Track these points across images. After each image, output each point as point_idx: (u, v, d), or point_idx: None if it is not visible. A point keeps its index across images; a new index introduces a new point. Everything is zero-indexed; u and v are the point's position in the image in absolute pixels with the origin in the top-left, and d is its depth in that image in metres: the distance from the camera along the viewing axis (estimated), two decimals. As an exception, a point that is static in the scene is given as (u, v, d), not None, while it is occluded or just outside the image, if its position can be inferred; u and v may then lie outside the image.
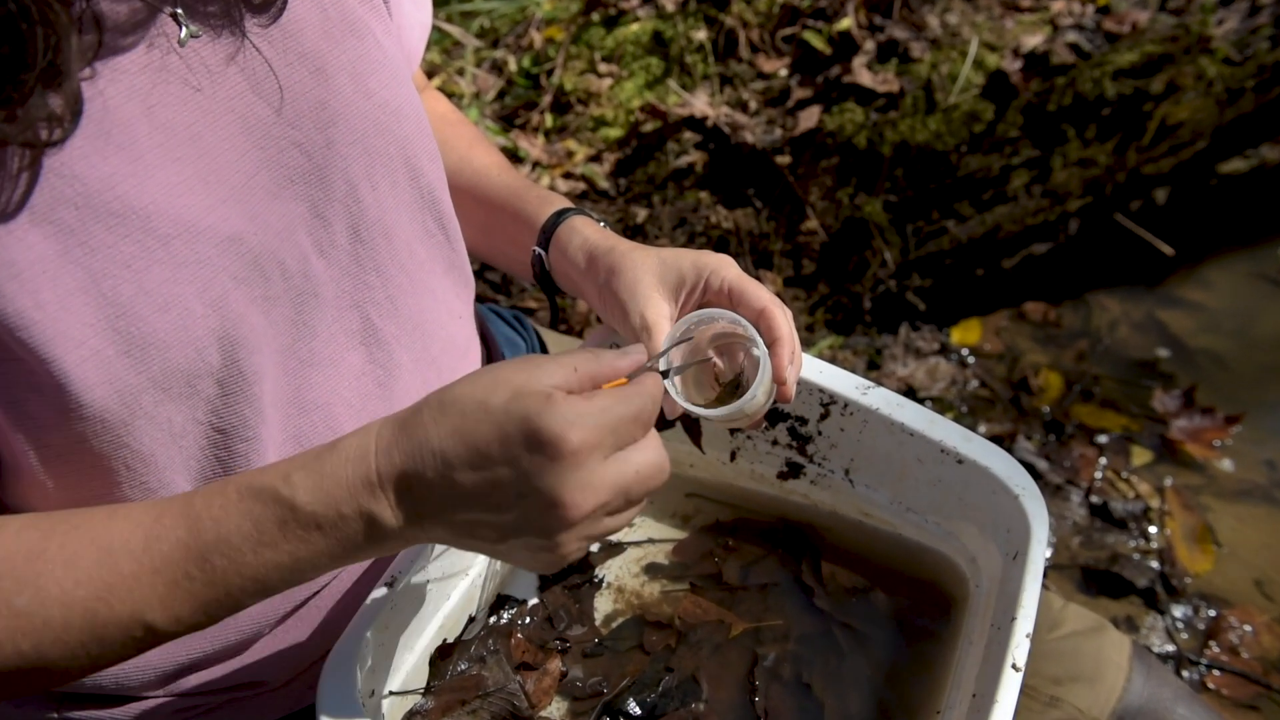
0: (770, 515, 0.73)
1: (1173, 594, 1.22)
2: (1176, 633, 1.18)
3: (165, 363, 0.45)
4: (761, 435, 0.71)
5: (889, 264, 1.46)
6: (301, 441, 0.55)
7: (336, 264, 0.55)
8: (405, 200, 0.58)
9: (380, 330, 0.58)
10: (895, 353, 1.46)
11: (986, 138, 1.44)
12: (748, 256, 1.46)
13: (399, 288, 0.58)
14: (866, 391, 0.65)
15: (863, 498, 0.69)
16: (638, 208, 1.50)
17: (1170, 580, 1.23)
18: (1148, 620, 1.20)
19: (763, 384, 0.55)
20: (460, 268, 0.65)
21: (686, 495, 0.75)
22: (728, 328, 0.58)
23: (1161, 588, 1.22)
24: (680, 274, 0.60)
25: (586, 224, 0.66)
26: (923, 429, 0.63)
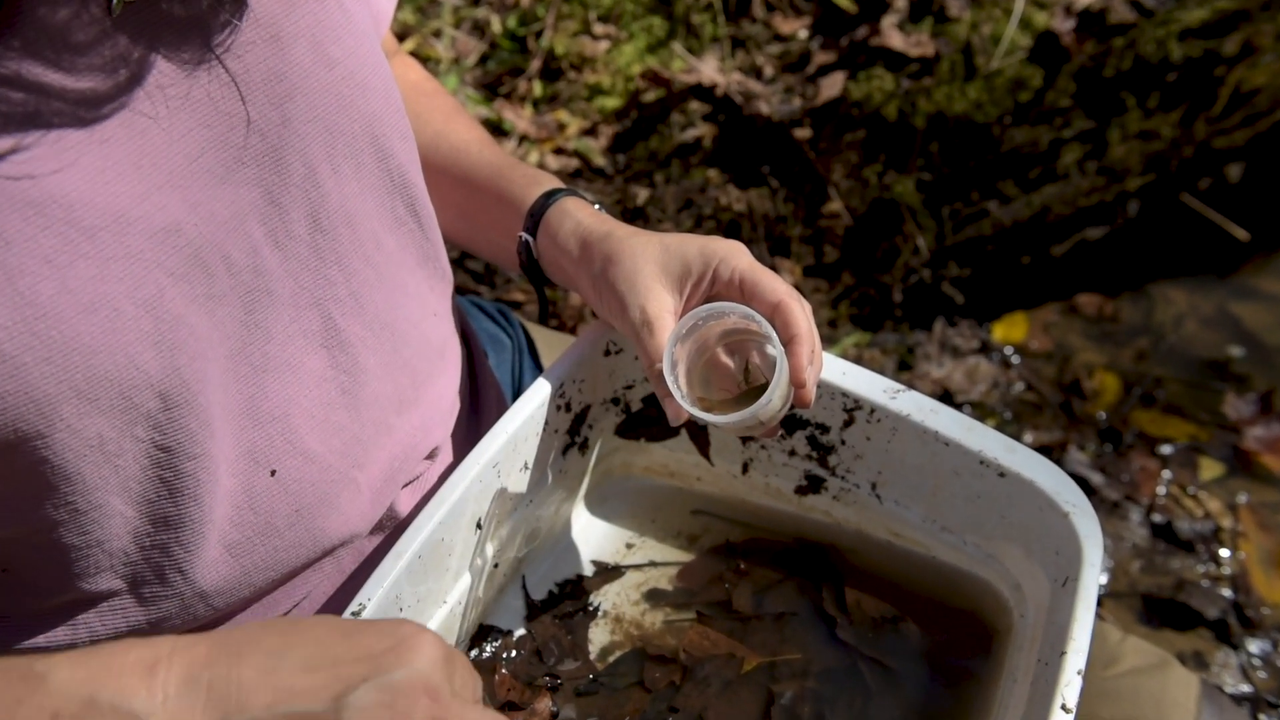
0: (787, 535, 0.73)
1: (1248, 626, 1.22)
2: (1252, 670, 1.18)
3: (91, 370, 0.45)
4: (777, 445, 0.71)
5: (922, 251, 1.46)
6: (257, 457, 0.55)
7: (293, 257, 0.55)
8: (372, 183, 0.58)
9: (344, 331, 0.58)
10: (929, 351, 1.46)
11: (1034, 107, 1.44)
12: (762, 243, 1.46)
13: (365, 282, 0.59)
14: (896, 395, 0.65)
15: (892, 515, 0.69)
16: (638, 188, 1.51)
17: (1245, 611, 1.23)
18: (1219, 656, 1.20)
19: (779, 387, 0.55)
20: (435, 258, 0.65)
21: (693, 513, 0.75)
22: (739, 323, 0.58)
23: (1235, 619, 1.22)
24: (685, 263, 0.60)
25: (580, 206, 0.66)
26: (960, 438, 0.63)
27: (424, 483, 0.66)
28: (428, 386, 0.65)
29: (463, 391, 0.71)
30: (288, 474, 0.56)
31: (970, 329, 1.49)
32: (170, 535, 0.52)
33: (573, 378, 0.67)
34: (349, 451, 0.59)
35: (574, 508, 0.75)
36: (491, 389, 0.76)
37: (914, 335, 1.48)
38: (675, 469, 0.76)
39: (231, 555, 0.55)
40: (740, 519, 0.74)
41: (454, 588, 0.64)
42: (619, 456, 0.76)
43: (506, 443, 0.62)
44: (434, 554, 0.60)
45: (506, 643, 0.67)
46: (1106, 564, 1.29)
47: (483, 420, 0.74)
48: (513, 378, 0.83)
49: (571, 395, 0.68)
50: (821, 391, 0.67)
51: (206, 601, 0.55)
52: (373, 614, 0.56)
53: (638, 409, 0.73)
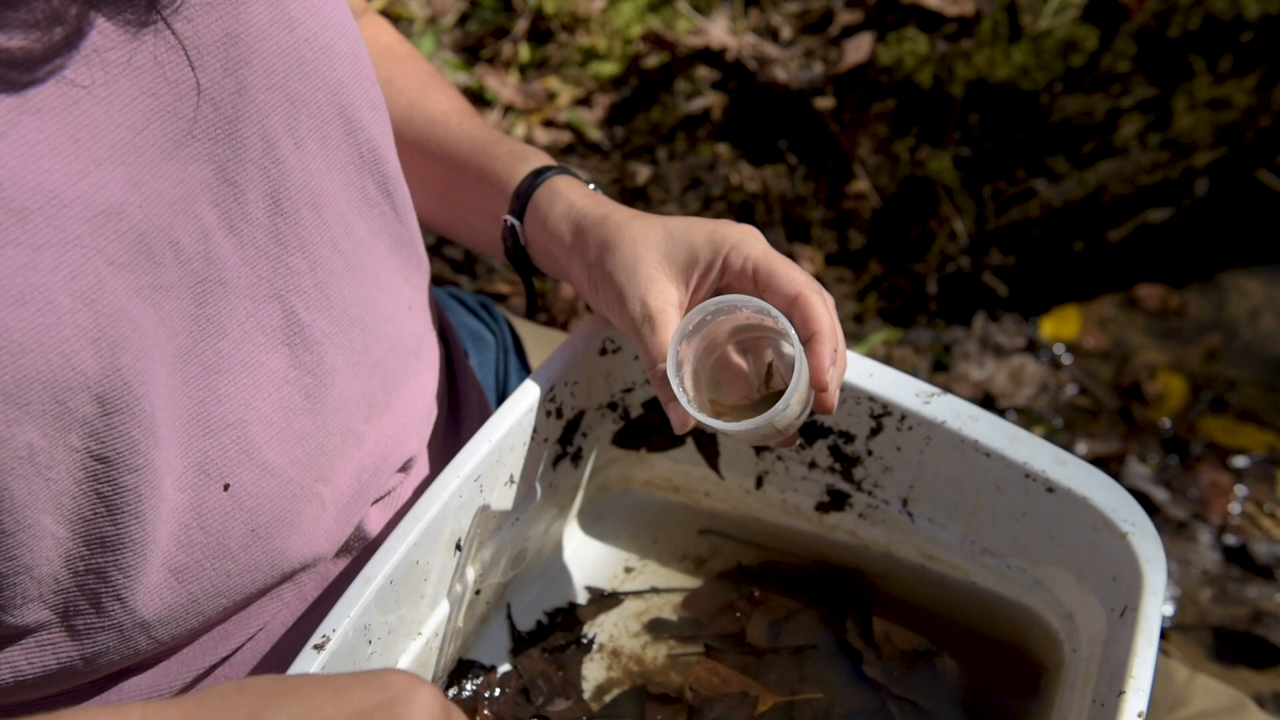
0: (807, 558, 0.73)
1: (1333, 663, 1.22)
2: (1337, 713, 1.18)
3: (20, 371, 0.45)
4: (796, 455, 0.71)
5: (960, 236, 1.46)
6: (208, 468, 0.55)
7: (250, 243, 0.55)
8: (339, 160, 0.58)
9: (308, 326, 0.58)
10: (968, 350, 1.46)
11: (1088, 73, 1.44)
12: (778, 227, 1.47)
13: (331, 272, 0.59)
14: (930, 399, 0.65)
15: (925, 536, 0.69)
16: (638, 165, 1.51)
17: (1330, 645, 1.23)
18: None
19: (797, 390, 0.55)
20: (410, 244, 0.65)
21: (700, 532, 0.75)
22: (753, 319, 0.59)
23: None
24: (692, 250, 0.60)
25: (572, 186, 0.66)
26: (1003, 448, 0.63)
27: (397, 498, 0.66)
28: (401, 389, 0.65)
29: (440, 395, 0.71)
30: (243, 488, 0.56)
31: (1015, 325, 1.49)
32: (108, 558, 0.52)
33: (564, 380, 0.67)
34: (312, 463, 0.59)
35: (566, 527, 0.75)
36: (473, 392, 0.76)
37: (951, 332, 1.48)
38: (680, 483, 0.76)
39: (178, 580, 0.55)
40: (754, 539, 0.74)
41: (430, 617, 0.64)
42: (617, 469, 0.76)
43: (490, 453, 0.63)
44: (408, 579, 0.60)
45: (489, 680, 0.67)
46: (1171, 592, 1.29)
47: (463, 428, 0.74)
48: (497, 379, 0.83)
49: (563, 399, 0.68)
50: (846, 395, 0.66)
51: (149, 633, 0.55)
52: (338, 647, 0.56)
53: (638, 415, 0.73)
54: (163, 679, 0.58)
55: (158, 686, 0.58)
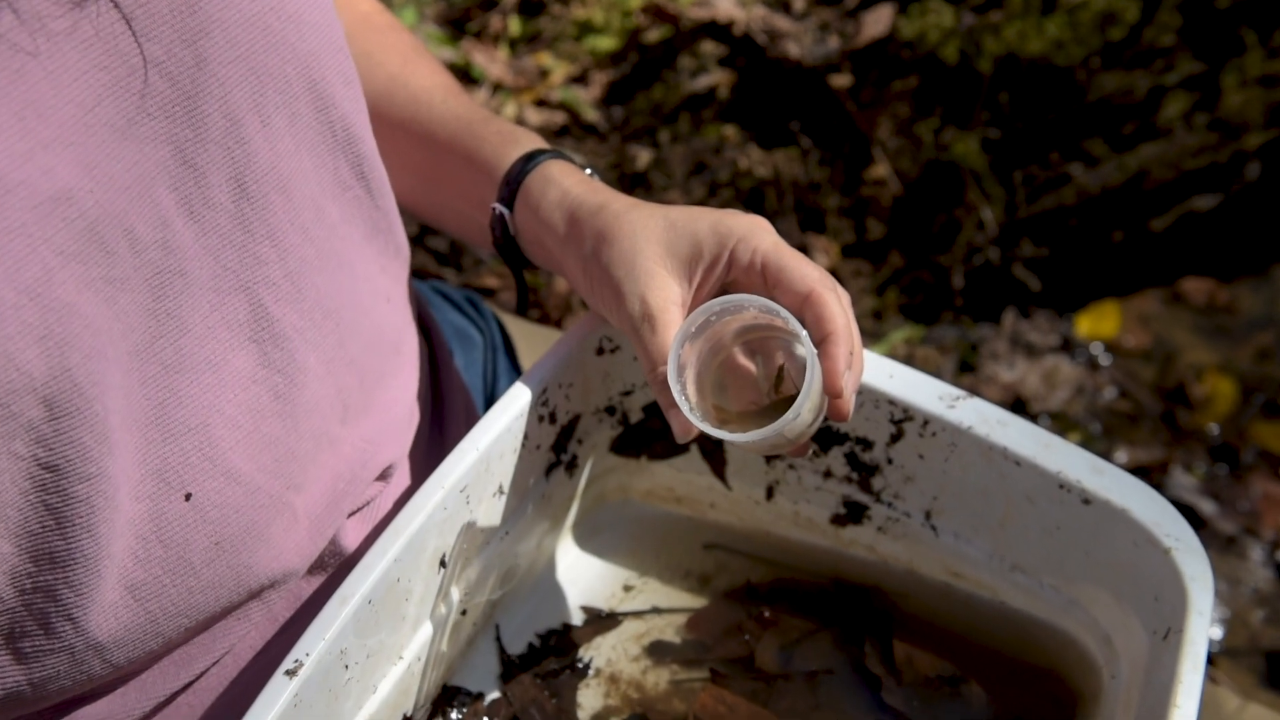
0: (821, 575, 0.73)
1: (1394, 689, 1.22)
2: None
3: None
4: (809, 464, 0.71)
5: (989, 226, 1.45)
6: (168, 477, 0.55)
7: (213, 230, 0.55)
8: (310, 140, 0.58)
9: (277, 320, 0.58)
10: (997, 349, 1.46)
11: (1128, 47, 1.44)
12: (791, 216, 1.46)
13: (302, 261, 0.59)
14: (956, 403, 0.65)
15: (951, 551, 0.69)
16: (638, 148, 1.51)
17: (1391, 670, 1.23)
18: (1358, 725, 1.19)
19: (809, 396, 0.55)
20: (388, 232, 0.66)
21: (705, 547, 0.75)
22: (761, 318, 0.59)
23: (1378, 680, 1.22)
24: (695, 242, 0.60)
25: (566, 172, 0.66)
26: (1035, 456, 0.64)
27: (375, 510, 0.67)
28: (380, 390, 0.65)
29: (422, 397, 0.71)
30: (206, 498, 0.56)
31: (1048, 321, 1.49)
32: (58, 575, 0.52)
33: (558, 381, 0.68)
34: (282, 470, 0.59)
35: (560, 541, 0.75)
36: (458, 395, 0.76)
37: (978, 329, 1.48)
38: (684, 494, 0.76)
39: (135, 599, 0.55)
40: (764, 555, 0.74)
41: (412, 640, 0.64)
42: (615, 478, 0.76)
43: (477, 462, 0.63)
44: (388, 599, 0.60)
45: (476, 708, 0.67)
46: (1219, 613, 1.28)
47: (447, 434, 0.74)
48: (485, 381, 0.84)
49: (557, 403, 0.68)
50: (864, 399, 0.67)
51: (103, 656, 0.55)
52: (313, 671, 0.56)
53: (638, 420, 0.73)
54: (119, 707, 0.58)
55: (114, 715, 0.58)
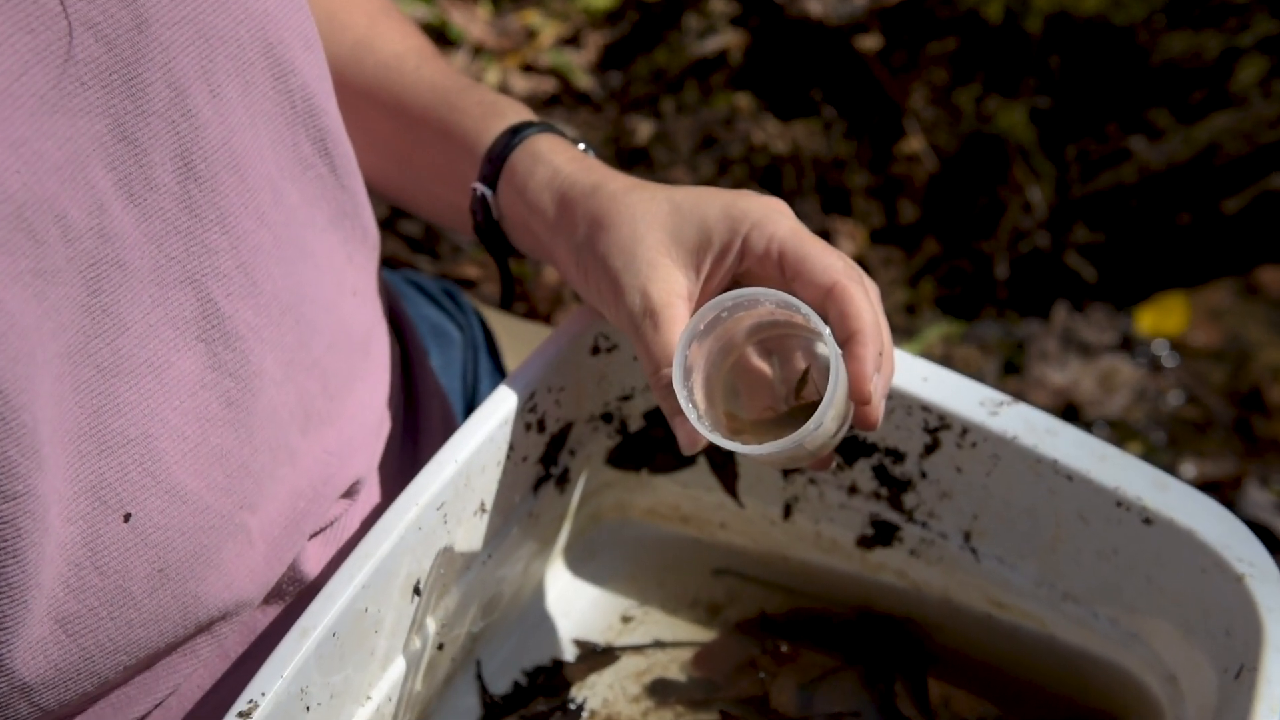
0: (846, 604, 0.73)
1: None
2: None
3: None
4: (832, 478, 0.71)
5: (1038, 208, 1.45)
6: (104, 495, 0.54)
7: (156, 215, 0.55)
8: (266, 111, 0.58)
9: (228, 317, 0.58)
10: (1047, 348, 1.46)
11: (1197, 4, 1.43)
12: (812, 196, 1.46)
13: (257, 250, 0.59)
14: (999, 409, 0.65)
15: (993, 578, 0.69)
16: (638, 119, 1.51)
17: None
18: None
19: (833, 403, 0.55)
20: (354, 215, 0.66)
21: (715, 573, 0.75)
22: (778, 314, 0.58)
23: None
24: (704, 228, 0.60)
25: (557, 147, 0.66)
26: (1089, 469, 0.63)
27: (340, 531, 0.67)
28: (345, 395, 0.65)
29: (394, 403, 0.71)
30: (148, 518, 0.56)
31: (1105, 317, 1.49)
32: (-19, 606, 0.52)
33: (548, 385, 0.67)
34: (235, 487, 0.59)
35: (549, 566, 0.75)
36: (434, 400, 0.76)
37: (1025, 325, 1.48)
38: (690, 512, 0.76)
39: (67, 633, 0.55)
40: (780, 582, 0.74)
41: (382, 678, 0.64)
42: (612, 495, 0.76)
43: (456, 475, 0.62)
44: (355, 631, 0.60)
45: (454, 754, 0.67)
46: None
47: (422, 444, 0.74)
48: (464, 384, 0.83)
49: (546, 410, 0.68)
50: (894, 405, 0.66)
51: (30, 699, 0.54)
52: (270, 713, 0.55)
53: (638, 429, 0.73)
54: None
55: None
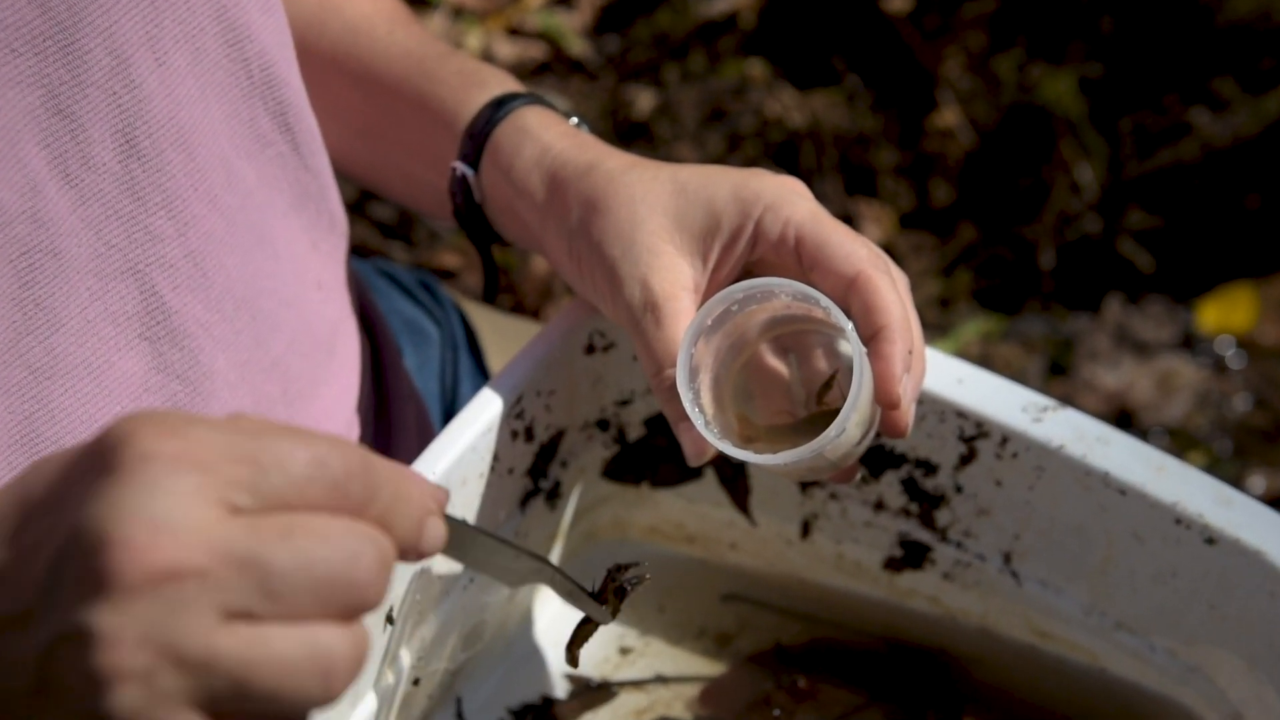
0: (871, 634, 0.73)
1: None
2: None
3: None
4: (856, 492, 0.71)
5: (1088, 189, 1.45)
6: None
7: (95, 198, 0.55)
8: (219, 82, 0.58)
9: (176, 313, 0.58)
10: (1097, 346, 1.46)
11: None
12: (834, 176, 1.46)
13: (208, 237, 0.59)
14: (1043, 415, 0.65)
15: (1036, 604, 0.69)
16: (638, 90, 1.50)
17: None
18: None
19: (857, 406, 0.55)
20: (319, 198, 0.66)
21: (724, 599, 0.75)
22: (795, 307, 0.58)
23: None
24: (712, 211, 0.60)
25: (546, 121, 0.66)
26: (1144, 483, 0.63)
27: (303, 553, 0.66)
28: (309, 400, 0.65)
29: (363, 409, 0.71)
30: None
31: (1163, 311, 1.49)
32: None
33: (537, 388, 0.67)
34: None
35: (538, 591, 0.75)
36: (409, 405, 0.76)
37: (1073, 320, 1.47)
38: (696, 531, 0.76)
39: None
40: (798, 609, 0.74)
41: (351, 717, 0.63)
42: (609, 511, 0.76)
43: (432, 491, 0.62)
44: None
45: (432, 803, 0.67)
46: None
47: (395, 454, 0.74)
48: (443, 387, 0.83)
49: (535, 415, 0.68)
50: (925, 410, 0.66)
51: None
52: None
53: (637, 437, 0.73)
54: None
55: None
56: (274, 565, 0.36)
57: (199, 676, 0.36)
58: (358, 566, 0.38)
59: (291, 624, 0.37)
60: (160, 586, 0.36)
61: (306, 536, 0.37)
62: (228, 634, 0.36)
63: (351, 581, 0.38)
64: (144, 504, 0.36)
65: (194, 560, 0.36)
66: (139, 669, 0.36)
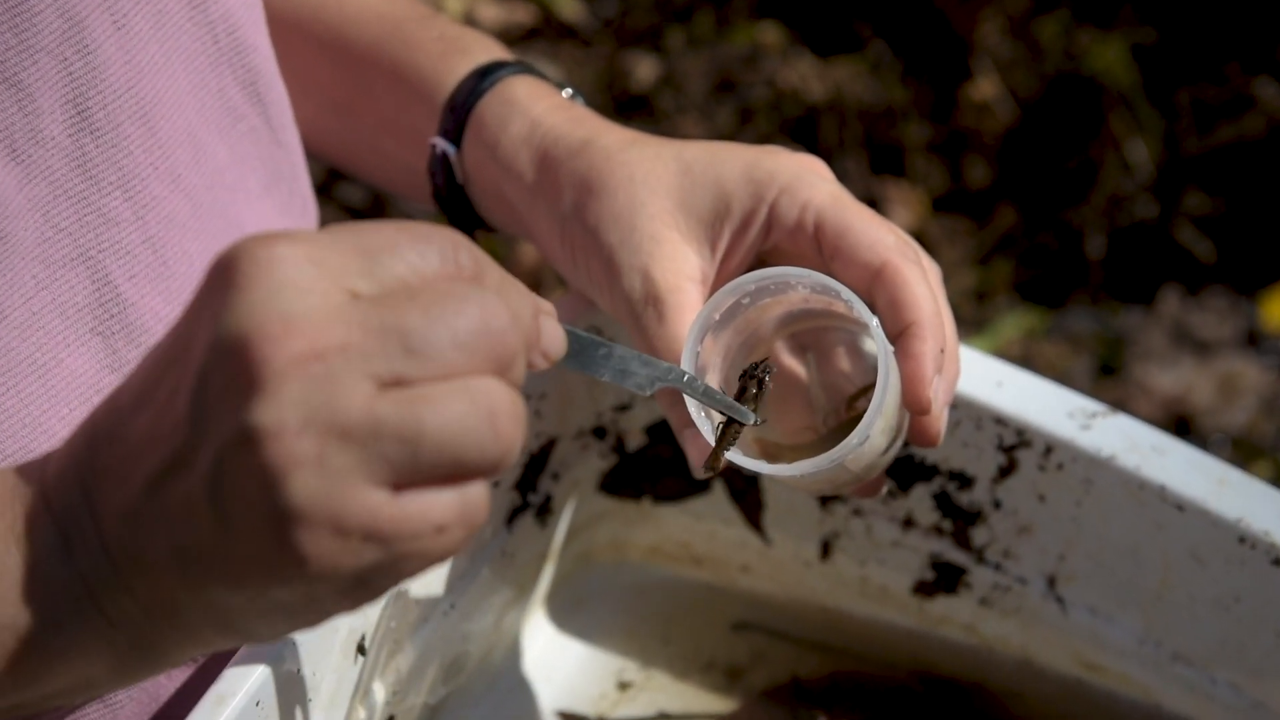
0: (900, 667, 0.73)
1: None
2: None
3: None
4: (882, 508, 0.71)
5: (1141, 168, 1.45)
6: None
7: (43, 176, 0.54)
8: (184, 48, 0.58)
9: (133, 305, 0.57)
10: (1151, 345, 1.45)
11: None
12: (858, 153, 1.46)
13: (170, 221, 0.58)
14: (1092, 422, 0.65)
15: (1083, 633, 0.69)
16: (637, 57, 1.50)
17: None
18: None
19: (882, 411, 0.55)
20: (293, 179, 0.65)
21: (734, 628, 0.76)
22: (814, 301, 0.59)
23: None
24: (721, 193, 0.60)
25: (536, 93, 0.66)
26: (1204, 497, 0.64)
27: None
28: None
29: None
30: None
31: (1225, 305, 1.48)
32: None
33: (526, 392, 0.64)
34: None
35: (527, 618, 0.75)
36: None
37: (1125, 316, 1.47)
38: (704, 551, 0.76)
39: None
40: (817, 639, 0.74)
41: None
42: (606, 529, 0.76)
43: (409, 505, 0.63)
44: (284, 699, 0.59)
45: None
46: None
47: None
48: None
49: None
50: (960, 416, 0.67)
51: None
52: None
53: (638, 447, 0.73)
54: None
55: None
56: (411, 327, 0.40)
57: (368, 446, 0.40)
58: (492, 315, 0.42)
59: (445, 380, 0.41)
60: (307, 367, 0.39)
61: (434, 298, 0.41)
62: (386, 399, 0.40)
63: (488, 329, 0.42)
64: (271, 300, 0.40)
65: (333, 336, 0.40)
66: (309, 453, 0.39)
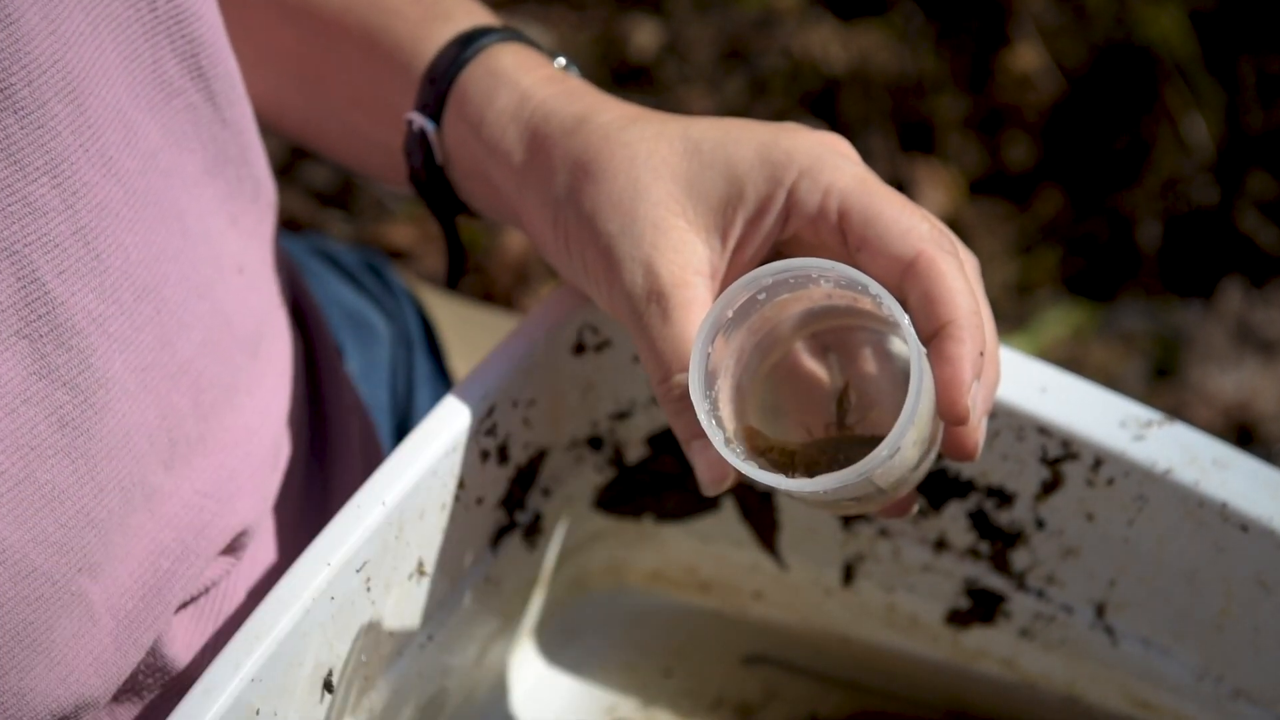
0: (932, 705, 0.73)
1: None
2: None
3: None
4: (911, 528, 0.72)
5: (1199, 148, 1.45)
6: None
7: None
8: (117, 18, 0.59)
9: (62, 304, 0.58)
10: (1211, 345, 1.46)
11: None
12: (885, 131, 1.47)
13: (102, 210, 0.59)
14: (1146, 432, 0.65)
15: (1136, 667, 0.70)
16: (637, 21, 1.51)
17: None
18: None
19: (914, 421, 0.55)
20: (242, 161, 0.66)
21: (746, 661, 0.76)
22: (837, 297, 0.59)
23: None
24: (733, 176, 0.61)
25: (526, 63, 0.67)
26: (1270, 517, 0.64)
27: (220, 601, 0.67)
28: (226, 413, 0.66)
29: (295, 423, 0.71)
30: None
31: (1293, 300, 1.50)
32: None
33: (513, 398, 0.68)
34: (71, 541, 0.59)
35: (514, 651, 0.76)
36: (352, 418, 0.77)
37: (1183, 312, 1.48)
38: (712, 576, 0.76)
39: None
40: (838, 674, 0.75)
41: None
42: (602, 551, 0.77)
43: (383, 524, 0.63)
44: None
45: None
46: None
47: (334, 480, 0.74)
48: (393, 395, 0.84)
49: (510, 431, 0.68)
50: (999, 425, 0.67)
51: None
52: None
53: (639, 459, 0.74)
54: None
55: None
56: None
57: None
58: None
59: None
60: None
61: None
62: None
63: None
64: None
65: None
66: None
